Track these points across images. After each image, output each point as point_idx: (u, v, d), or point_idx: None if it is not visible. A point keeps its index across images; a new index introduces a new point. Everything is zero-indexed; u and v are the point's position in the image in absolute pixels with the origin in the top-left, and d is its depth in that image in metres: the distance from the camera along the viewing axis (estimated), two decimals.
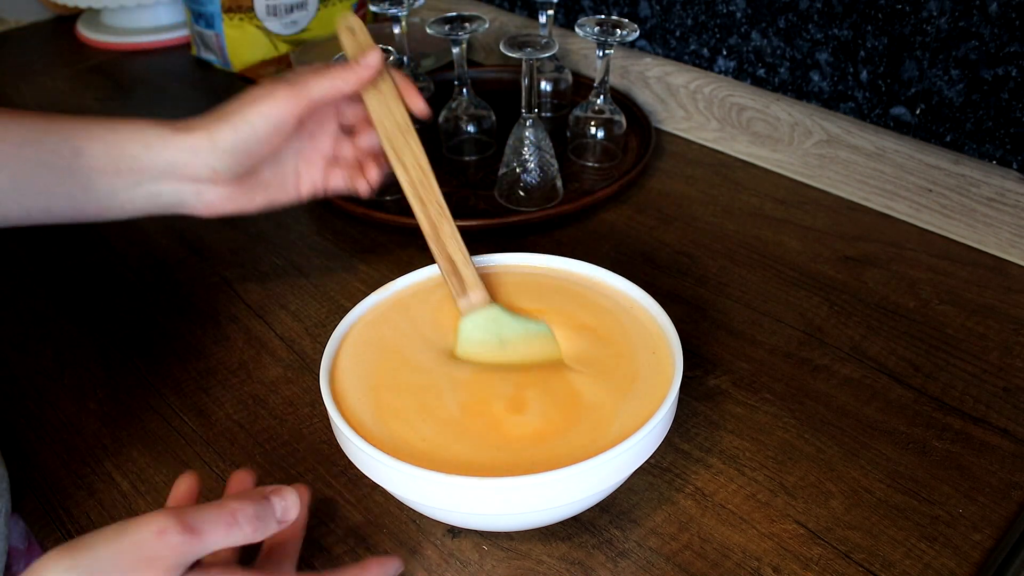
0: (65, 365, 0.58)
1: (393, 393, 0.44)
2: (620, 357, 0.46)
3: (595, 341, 0.47)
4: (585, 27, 0.69)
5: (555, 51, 0.66)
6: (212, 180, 0.52)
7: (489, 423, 0.42)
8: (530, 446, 0.41)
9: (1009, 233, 0.63)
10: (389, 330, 0.48)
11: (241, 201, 0.54)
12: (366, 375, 0.45)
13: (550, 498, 0.39)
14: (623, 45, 0.77)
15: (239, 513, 0.36)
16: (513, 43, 0.65)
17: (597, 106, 0.75)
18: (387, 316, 0.49)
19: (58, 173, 0.50)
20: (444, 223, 0.50)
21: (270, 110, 0.51)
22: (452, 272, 0.49)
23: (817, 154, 0.72)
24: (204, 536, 0.34)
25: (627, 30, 0.69)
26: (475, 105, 0.77)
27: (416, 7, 0.75)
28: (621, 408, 0.42)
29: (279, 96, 0.51)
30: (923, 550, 0.44)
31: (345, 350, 0.47)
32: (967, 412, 0.51)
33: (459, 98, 0.76)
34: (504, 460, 0.40)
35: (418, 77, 0.82)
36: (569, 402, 0.43)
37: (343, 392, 0.44)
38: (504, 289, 0.51)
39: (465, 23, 0.70)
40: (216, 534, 0.35)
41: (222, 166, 0.51)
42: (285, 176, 0.55)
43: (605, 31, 0.69)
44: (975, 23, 0.59)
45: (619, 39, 0.69)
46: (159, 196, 0.52)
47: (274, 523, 0.37)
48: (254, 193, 0.54)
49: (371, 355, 0.47)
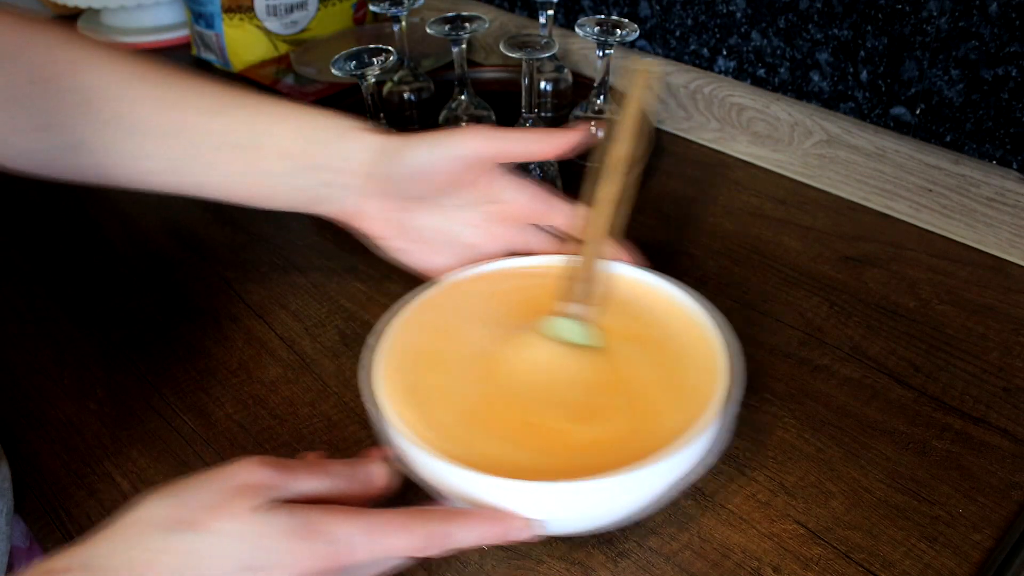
0: (65, 365, 0.58)
1: (444, 397, 0.43)
2: (675, 360, 0.45)
3: (649, 346, 0.46)
4: (585, 27, 0.69)
5: (555, 51, 0.66)
6: (373, 188, 0.51)
7: (548, 431, 0.41)
8: (596, 452, 0.40)
9: (1009, 233, 0.63)
10: (434, 332, 0.48)
11: (389, 228, 0.52)
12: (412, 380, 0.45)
13: (622, 500, 0.39)
14: (623, 45, 0.77)
15: (330, 465, 0.38)
16: (513, 43, 0.65)
17: (597, 106, 0.75)
18: (433, 319, 0.49)
19: (236, 151, 0.49)
20: (594, 243, 0.49)
21: (459, 139, 0.49)
22: (575, 280, 0.48)
23: (817, 154, 0.72)
24: (293, 474, 0.36)
25: (627, 30, 0.69)
26: (475, 105, 0.77)
27: (416, 7, 0.75)
28: (677, 413, 0.42)
29: (474, 132, 0.50)
30: (923, 550, 0.44)
31: (391, 357, 0.46)
32: (967, 412, 0.51)
33: (459, 98, 0.76)
34: (566, 466, 0.39)
35: (418, 77, 0.82)
36: (625, 409, 0.42)
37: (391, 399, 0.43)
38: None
39: (465, 23, 0.70)
40: (304, 476, 0.37)
41: (390, 175, 0.50)
42: (437, 229, 0.53)
43: (605, 31, 0.69)
44: (975, 23, 0.59)
45: (619, 39, 0.69)
46: (319, 188, 0.51)
47: (358, 483, 0.39)
48: (404, 226, 0.52)
49: (418, 348, 0.46)
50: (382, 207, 0.52)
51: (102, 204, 0.76)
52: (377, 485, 0.40)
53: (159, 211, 0.74)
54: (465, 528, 0.37)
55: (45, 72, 0.46)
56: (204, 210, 0.73)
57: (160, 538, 0.34)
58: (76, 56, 0.47)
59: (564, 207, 0.53)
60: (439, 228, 0.53)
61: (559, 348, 0.45)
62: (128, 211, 0.75)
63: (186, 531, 0.33)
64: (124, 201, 0.76)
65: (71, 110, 0.47)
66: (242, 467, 0.36)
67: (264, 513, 0.34)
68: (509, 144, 0.50)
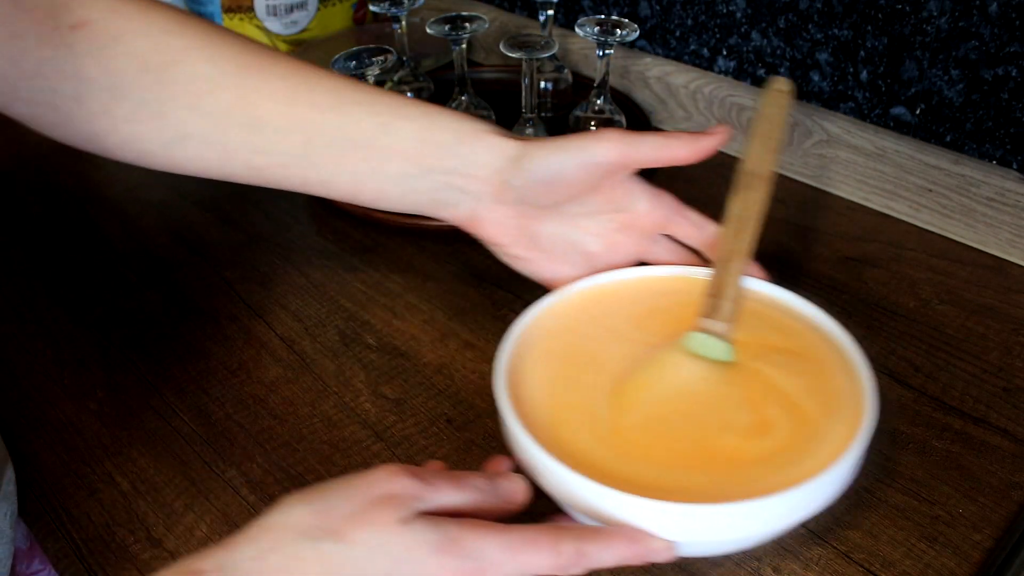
0: (65, 365, 0.58)
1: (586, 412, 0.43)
2: (820, 378, 0.44)
3: (792, 362, 0.45)
4: (585, 27, 0.69)
5: (555, 51, 0.66)
6: (498, 194, 0.48)
7: (716, 448, 0.41)
8: (764, 469, 0.39)
9: (1009, 233, 0.63)
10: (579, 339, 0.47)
11: (509, 234, 0.50)
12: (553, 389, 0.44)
13: (774, 520, 0.38)
14: (623, 45, 0.77)
15: (469, 477, 0.37)
16: (513, 43, 0.65)
17: (597, 106, 0.75)
18: (572, 328, 0.48)
19: (357, 148, 0.47)
20: (738, 259, 0.48)
21: (593, 144, 0.47)
22: (712, 295, 0.47)
23: (817, 154, 0.72)
24: (435, 485, 0.35)
25: (627, 30, 0.69)
26: (475, 105, 0.77)
27: (416, 7, 0.75)
28: (829, 430, 0.41)
29: (608, 136, 0.47)
30: (923, 550, 0.44)
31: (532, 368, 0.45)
32: (967, 412, 0.51)
33: (459, 99, 0.76)
34: (717, 484, 0.39)
35: (418, 77, 0.82)
36: (787, 422, 0.42)
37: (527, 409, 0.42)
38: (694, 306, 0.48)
39: (465, 23, 0.70)
40: (444, 488, 0.36)
41: (517, 181, 0.48)
42: (562, 237, 0.51)
43: (605, 31, 0.69)
44: (975, 23, 0.59)
45: (619, 39, 0.69)
46: (441, 191, 0.49)
47: (497, 497, 0.38)
48: (526, 233, 0.50)
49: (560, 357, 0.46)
50: (505, 213, 0.49)
51: (102, 204, 0.76)
52: (517, 501, 0.38)
53: (159, 211, 0.74)
54: (607, 548, 0.36)
55: (156, 59, 0.45)
56: (204, 210, 0.73)
57: (301, 545, 0.33)
58: (190, 43, 0.45)
59: (696, 218, 0.51)
60: (562, 236, 0.51)
61: (706, 365, 0.44)
62: (128, 211, 0.75)
63: (328, 540, 0.33)
64: (124, 201, 0.77)
65: (183, 99, 0.45)
66: (385, 475, 0.35)
67: (408, 526, 0.33)
68: (647, 150, 0.48)
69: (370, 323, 0.60)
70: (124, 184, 0.79)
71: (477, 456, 0.50)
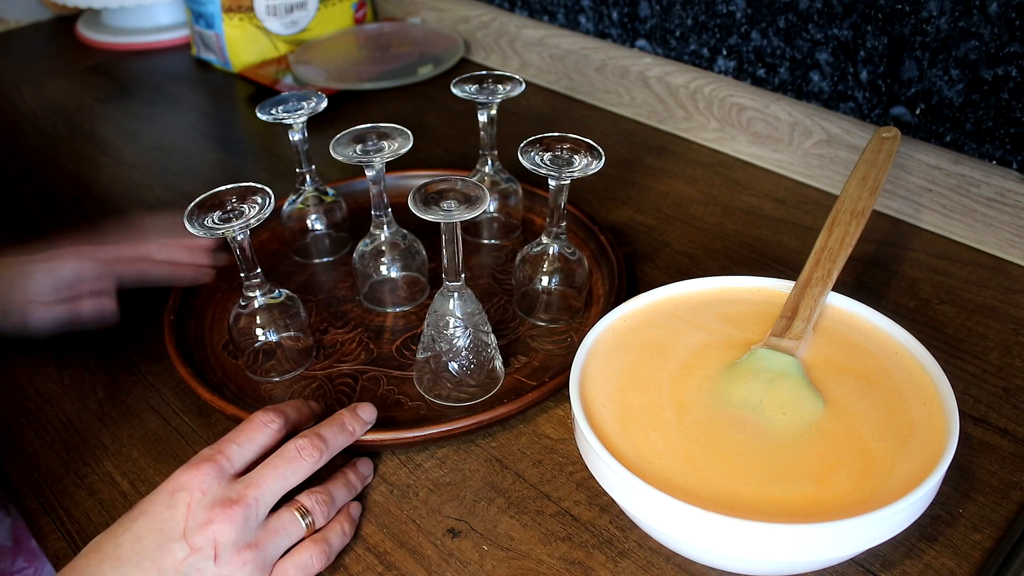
0: (65, 365, 0.58)
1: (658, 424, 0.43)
2: (892, 406, 0.44)
3: (863, 387, 0.45)
4: (462, 87, 0.59)
5: (486, 206, 0.46)
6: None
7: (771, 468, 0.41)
8: (819, 492, 0.39)
9: (1009, 233, 0.63)
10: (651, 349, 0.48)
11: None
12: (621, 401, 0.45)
13: (834, 548, 0.38)
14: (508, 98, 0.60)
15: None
16: (424, 198, 0.46)
17: (550, 251, 0.56)
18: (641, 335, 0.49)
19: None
20: (820, 287, 0.49)
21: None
22: (787, 316, 0.48)
23: (817, 154, 0.72)
24: (228, 456, 0.43)
25: (510, 85, 0.59)
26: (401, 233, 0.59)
27: (315, 113, 0.59)
28: (898, 461, 0.41)
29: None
30: (923, 550, 0.44)
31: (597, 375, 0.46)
32: (967, 412, 0.51)
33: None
34: (778, 505, 0.39)
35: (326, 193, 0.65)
36: (847, 453, 0.41)
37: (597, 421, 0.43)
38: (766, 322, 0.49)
39: (384, 144, 0.55)
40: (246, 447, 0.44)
41: None
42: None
43: (485, 89, 0.59)
44: (975, 23, 0.59)
45: (503, 95, 0.59)
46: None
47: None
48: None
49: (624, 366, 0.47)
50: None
51: (102, 204, 0.76)
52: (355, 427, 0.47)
53: (159, 211, 0.74)
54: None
55: None
56: None
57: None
58: None
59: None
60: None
61: (778, 386, 0.45)
62: (128, 211, 0.75)
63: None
64: (124, 201, 0.77)
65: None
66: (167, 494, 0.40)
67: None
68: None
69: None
70: (124, 184, 0.79)
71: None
